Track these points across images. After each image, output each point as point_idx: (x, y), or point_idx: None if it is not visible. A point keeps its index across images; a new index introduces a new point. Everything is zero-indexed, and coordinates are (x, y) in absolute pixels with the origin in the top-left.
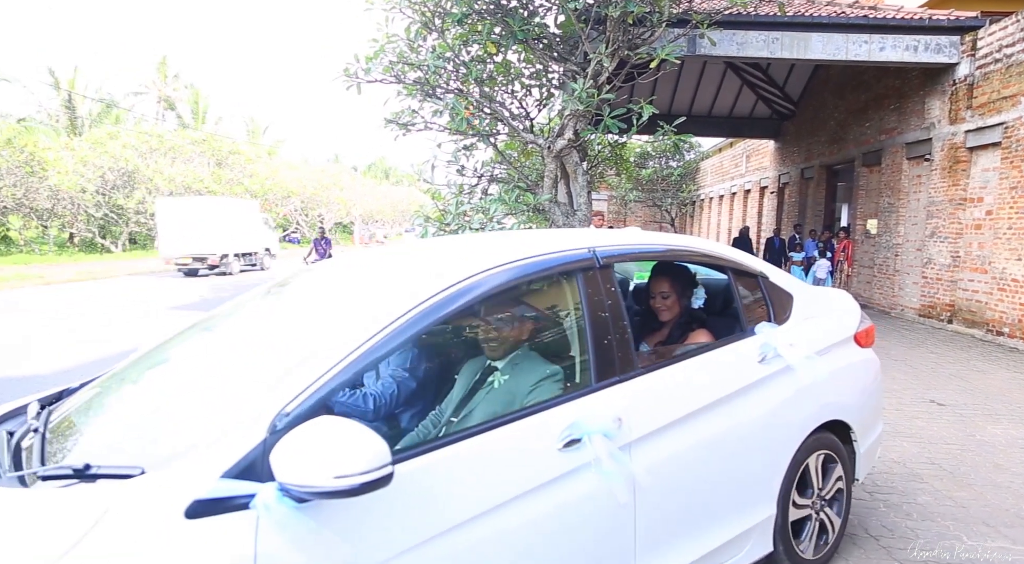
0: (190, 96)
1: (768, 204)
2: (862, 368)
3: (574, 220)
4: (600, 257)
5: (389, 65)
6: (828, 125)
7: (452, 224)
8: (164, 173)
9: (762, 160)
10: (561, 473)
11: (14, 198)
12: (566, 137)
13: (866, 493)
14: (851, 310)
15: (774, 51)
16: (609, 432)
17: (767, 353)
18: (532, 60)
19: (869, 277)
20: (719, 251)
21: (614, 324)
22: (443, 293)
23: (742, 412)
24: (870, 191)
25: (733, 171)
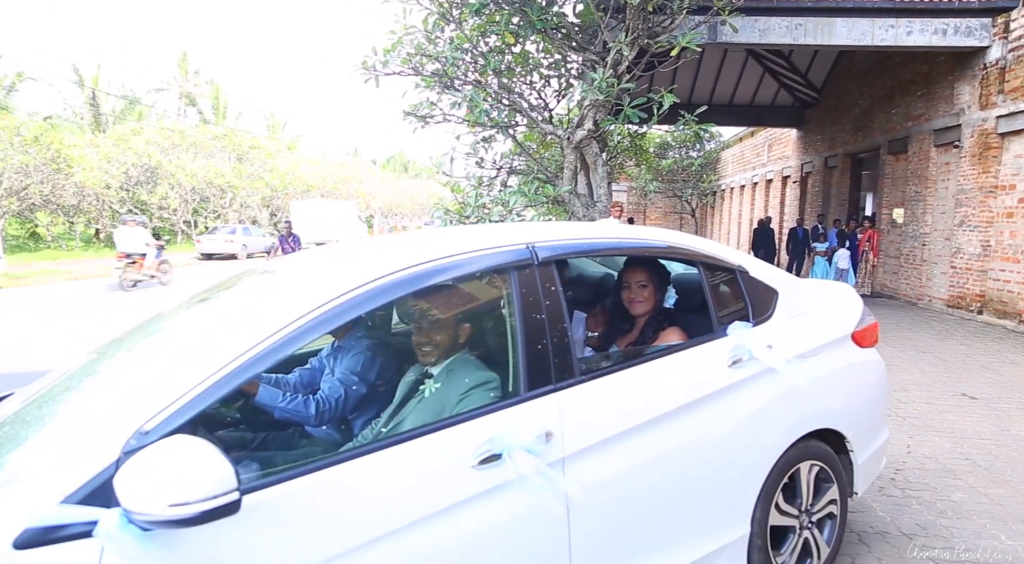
0: (211, 92)
1: (791, 194)
2: (860, 371)
3: (594, 211)
4: (539, 253)
5: (407, 57)
6: (852, 113)
7: (471, 216)
8: (186, 168)
9: (784, 149)
10: (476, 493)
11: (41, 195)
12: (585, 128)
13: (898, 490)
14: (850, 306)
15: (797, 37)
16: (532, 447)
17: (740, 356)
18: (551, 50)
19: (895, 267)
20: (688, 244)
21: (551, 327)
22: (341, 299)
23: (707, 422)
24: (896, 179)
25: (754, 161)
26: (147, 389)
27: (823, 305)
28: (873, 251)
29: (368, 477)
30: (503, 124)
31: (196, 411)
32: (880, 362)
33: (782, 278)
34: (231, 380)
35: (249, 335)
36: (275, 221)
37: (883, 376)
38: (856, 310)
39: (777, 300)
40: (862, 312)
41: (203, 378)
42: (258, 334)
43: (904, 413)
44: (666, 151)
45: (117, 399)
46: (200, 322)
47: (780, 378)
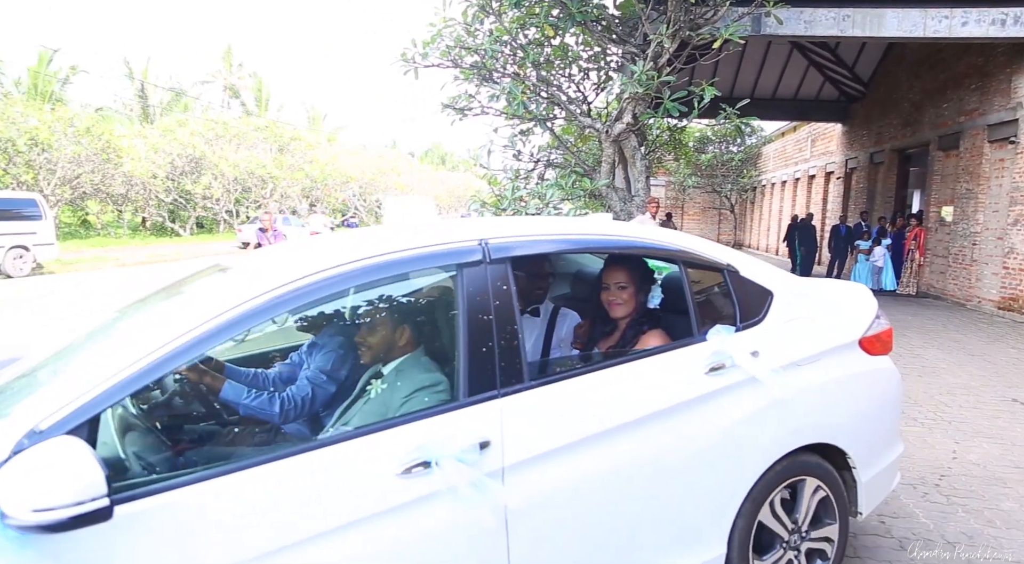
0: (254, 84)
1: (834, 190)
2: (867, 380)
3: (632, 206)
4: (491, 251)
5: (446, 49)
6: (901, 107)
7: (508, 209)
8: (229, 159)
9: (828, 144)
10: (400, 503)
11: (92, 184)
12: (624, 121)
13: (942, 496)
14: (860, 309)
15: (844, 29)
16: (464, 456)
17: (721, 362)
18: (590, 43)
19: (943, 267)
20: (668, 241)
21: (499, 329)
22: (258, 300)
23: (676, 434)
24: (946, 176)
25: (797, 156)
26: (52, 387)
27: (827, 308)
28: (919, 250)
29: (276, 484)
30: (541, 117)
31: (97, 410)
32: (893, 371)
33: (779, 278)
34: (142, 377)
35: (159, 335)
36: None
37: (895, 386)
38: (867, 314)
39: (771, 302)
40: (874, 316)
41: (106, 377)
42: (167, 335)
43: (950, 417)
44: (706, 145)
45: (34, 397)
46: (127, 321)
47: (767, 388)
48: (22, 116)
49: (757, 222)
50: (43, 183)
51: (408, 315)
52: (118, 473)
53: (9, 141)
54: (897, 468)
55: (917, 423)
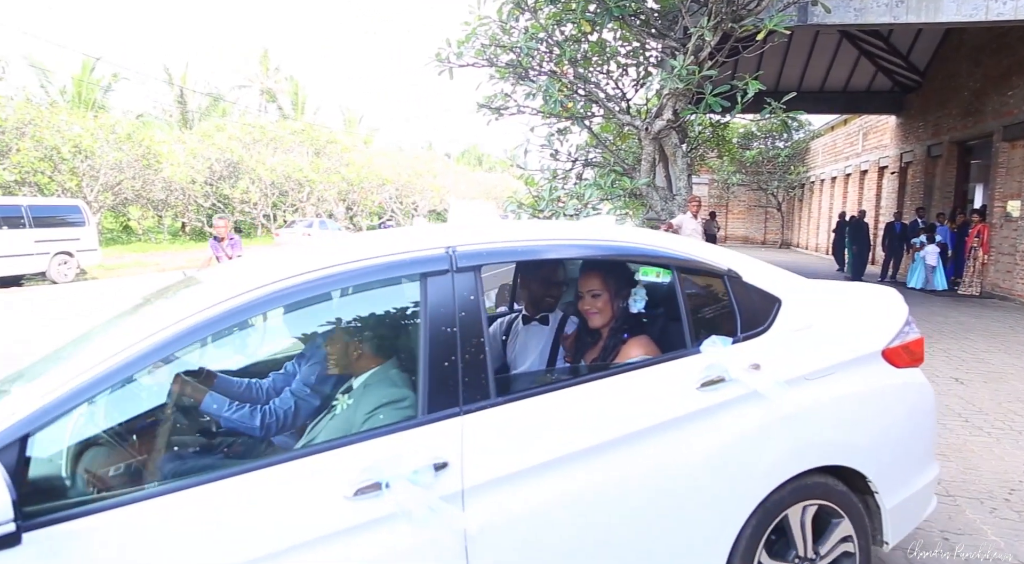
0: (290, 88)
1: (888, 186)
2: (891, 396)
3: (673, 205)
4: (458, 259)
5: (481, 48)
6: (961, 96)
7: (545, 210)
8: (266, 163)
9: (881, 138)
10: (348, 526)
11: (133, 190)
12: (664, 118)
13: (1013, 512)
14: (886, 317)
15: (898, 16)
16: (417, 478)
17: (716, 376)
18: (629, 38)
19: (1010, 265)
20: (660, 245)
21: (463, 342)
22: (210, 312)
23: (661, 455)
24: (1012, 169)
25: (847, 151)
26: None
27: (846, 316)
28: (983, 247)
29: (213, 508)
30: (579, 115)
31: (21, 432)
32: (923, 385)
33: (789, 284)
34: (80, 394)
35: (97, 354)
36: (351, 215)
37: (927, 403)
38: (893, 322)
39: (779, 310)
40: (902, 325)
41: (34, 398)
42: (103, 353)
43: (1020, 426)
44: (751, 141)
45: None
46: (80, 337)
47: (770, 404)
48: (67, 124)
49: (805, 220)
50: (86, 190)
51: (376, 326)
52: (50, 495)
53: (54, 149)
54: (932, 493)
55: (983, 433)
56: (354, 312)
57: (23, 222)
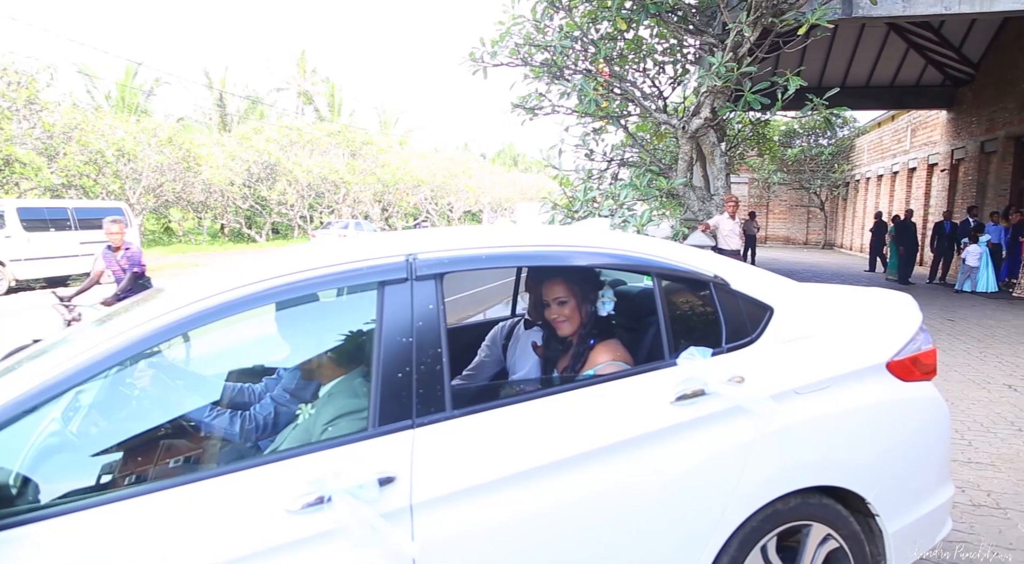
0: (326, 90)
1: (937, 184)
2: (896, 412)
3: (711, 205)
4: (418, 267)
5: (515, 47)
6: (1019, 89)
7: (580, 211)
8: (303, 165)
9: (930, 134)
10: (290, 541)
11: (174, 192)
12: (702, 116)
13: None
14: (893, 326)
15: (950, 6)
16: (361, 492)
17: (695, 389)
18: (665, 35)
19: None
20: (638, 250)
21: (419, 352)
22: (159, 321)
23: (629, 472)
24: None
25: (895, 148)
26: None
27: (847, 325)
28: None
29: (148, 520)
30: (614, 114)
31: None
32: (934, 400)
33: (784, 292)
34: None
35: (42, 368)
36: (386, 216)
37: (938, 419)
38: (902, 331)
39: (769, 319)
40: (911, 335)
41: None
42: (52, 366)
43: None
44: (792, 139)
45: None
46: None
47: (755, 419)
48: (111, 128)
49: (850, 220)
50: (129, 192)
51: (340, 336)
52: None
53: (99, 152)
54: (945, 515)
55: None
56: (319, 321)
57: (69, 224)
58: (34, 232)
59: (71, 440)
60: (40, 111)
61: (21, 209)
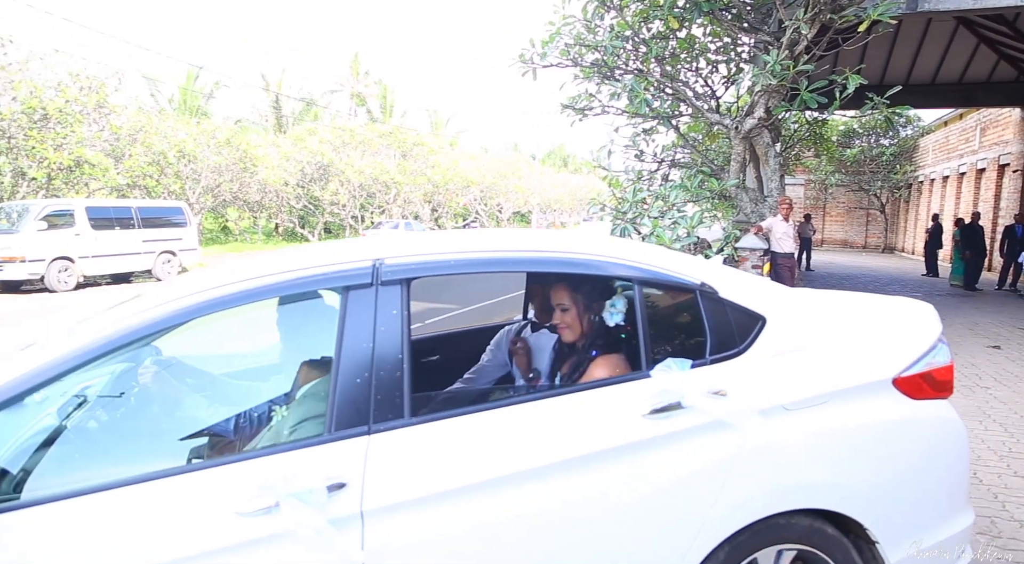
0: (379, 91)
1: (1009, 185)
2: (902, 431)
3: (763, 207)
4: (383, 272)
5: (565, 48)
6: None
7: (629, 212)
8: (355, 166)
9: (1002, 133)
10: (240, 542)
11: (231, 192)
12: (756, 116)
13: None
14: (905, 339)
15: None
16: (309, 498)
17: (671, 402)
18: (719, 33)
19: None
20: (620, 255)
21: (378, 358)
22: (122, 326)
23: (595, 486)
24: None
25: (962, 148)
26: None
27: (850, 337)
28: None
29: (99, 517)
30: (665, 114)
31: None
32: (948, 420)
33: (777, 300)
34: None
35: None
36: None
37: (953, 440)
38: (915, 345)
39: (761, 330)
40: (925, 349)
41: None
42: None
43: None
44: (851, 139)
45: None
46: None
47: (738, 436)
48: (173, 130)
49: (912, 223)
50: (189, 192)
51: (311, 339)
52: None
53: (161, 154)
54: (964, 543)
55: None
56: (295, 324)
57: (132, 223)
58: (101, 230)
59: (37, 435)
60: (108, 114)
61: (89, 208)
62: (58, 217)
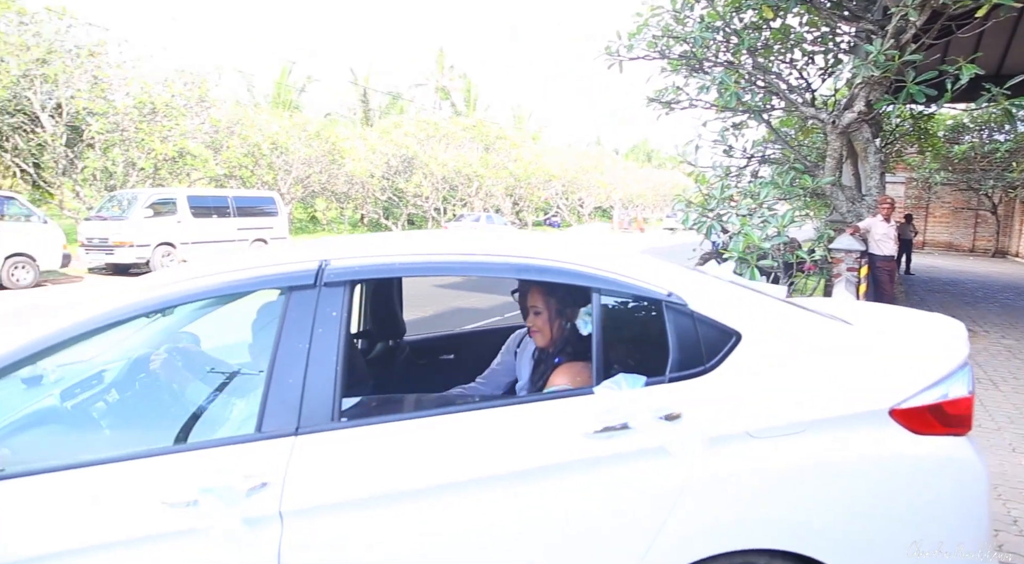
0: (463, 85)
1: None
2: (897, 470)
3: (861, 206)
4: (327, 274)
5: (652, 40)
6: None
7: (716, 210)
8: (438, 158)
9: None
10: (162, 532)
11: (320, 183)
12: (856, 109)
13: None
14: (916, 363)
15: None
16: (227, 494)
17: (616, 422)
18: (816, 22)
19: None
20: (578, 261)
21: (313, 360)
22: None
23: (528, 505)
24: None
25: None
26: None
27: (844, 358)
28: None
29: (27, 499)
30: (756, 108)
31: None
32: (963, 461)
33: (757, 314)
34: None
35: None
36: (517, 210)
37: (963, 484)
38: (923, 372)
39: (733, 347)
40: (937, 377)
41: None
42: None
43: None
44: (961, 135)
45: None
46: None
47: (693, 463)
48: (267, 123)
49: None
50: (280, 183)
51: (268, 339)
52: None
53: (256, 145)
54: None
55: None
56: (249, 322)
57: (228, 211)
58: (200, 218)
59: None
60: (209, 108)
61: (190, 197)
62: (162, 205)
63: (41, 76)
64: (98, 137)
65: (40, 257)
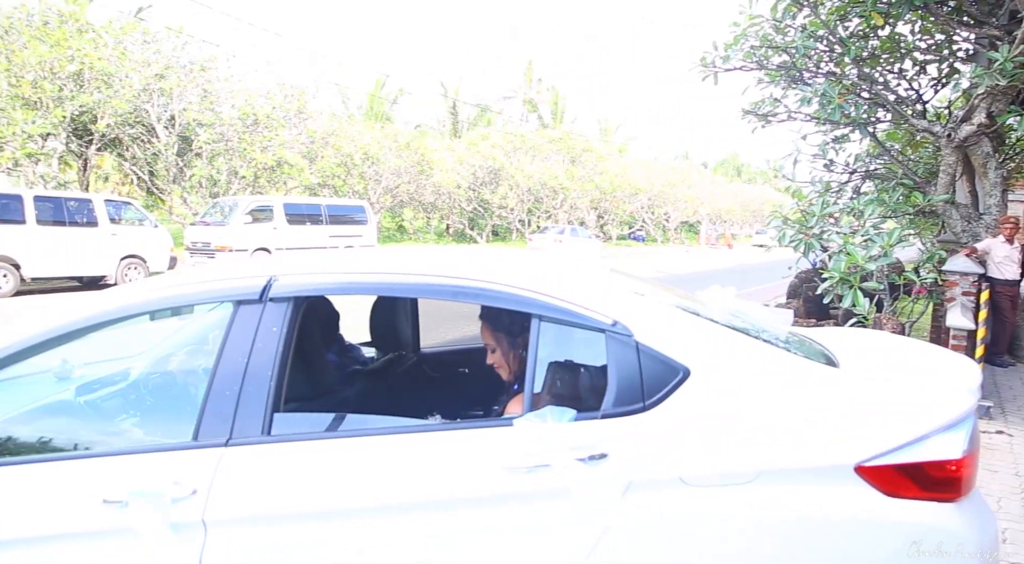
0: (550, 98)
1: None
2: (858, 535)
3: (978, 226)
4: (273, 290)
5: (750, 50)
6: None
7: (815, 227)
8: (524, 170)
9: None
10: (97, 530)
11: (408, 193)
12: (975, 122)
13: None
14: (900, 412)
15: None
16: (155, 499)
17: (535, 460)
18: (931, 29)
19: None
20: (518, 285)
21: (250, 374)
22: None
23: (437, 536)
24: None
25: None
26: None
27: (812, 401)
28: None
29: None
30: (861, 121)
31: None
32: (946, 532)
33: (709, 349)
34: None
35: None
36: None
37: (941, 558)
38: (908, 422)
39: (679, 384)
40: (922, 432)
41: None
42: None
43: None
44: None
45: None
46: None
47: (609, 508)
48: (359, 134)
49: None
50: (370, 192)
51: (215, 349)
52: None
53: (348, 156)
54: None
55: None
56: (203, 336)
57: (321, 219)
58: (294, 225)
59: None
60: (306, 119)
61: (286, 205)
62: (260, 212)
63: (158, 90)
64: (205, 147)
65: (150, 259)
